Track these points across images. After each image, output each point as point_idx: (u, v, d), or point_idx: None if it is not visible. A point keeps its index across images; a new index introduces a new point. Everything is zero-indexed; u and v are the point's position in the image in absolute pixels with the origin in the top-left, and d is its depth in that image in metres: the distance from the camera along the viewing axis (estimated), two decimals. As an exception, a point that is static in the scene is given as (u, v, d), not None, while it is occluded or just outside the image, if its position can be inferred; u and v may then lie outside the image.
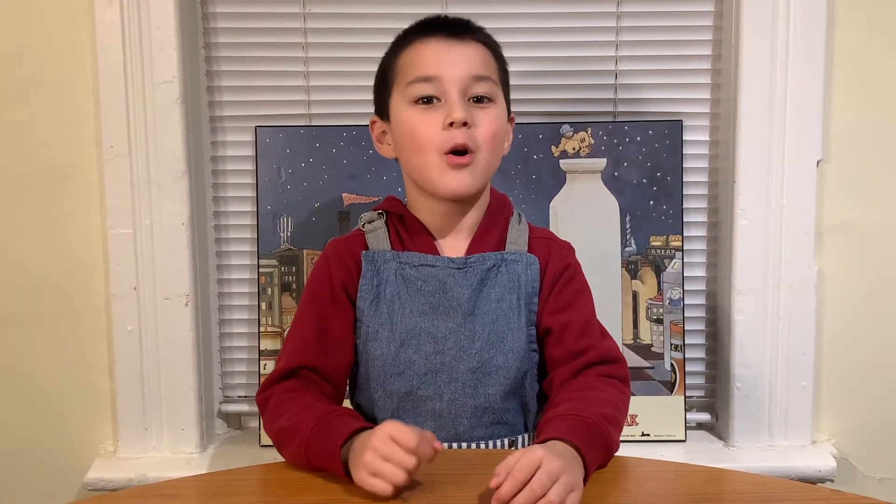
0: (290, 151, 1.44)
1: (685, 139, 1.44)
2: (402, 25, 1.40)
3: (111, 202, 1.38)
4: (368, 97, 1.42)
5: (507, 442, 1.02)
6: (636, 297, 1.45)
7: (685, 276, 1.45)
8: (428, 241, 1.05)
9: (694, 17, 1.45)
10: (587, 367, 0.99)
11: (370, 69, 1.43)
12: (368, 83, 1.42)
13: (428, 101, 1.00)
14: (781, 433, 1.42)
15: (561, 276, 1.05)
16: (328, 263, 1.05)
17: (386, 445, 0.82)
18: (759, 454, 1.41)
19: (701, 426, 1.51)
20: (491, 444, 1.01)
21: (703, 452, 1.42)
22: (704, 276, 1.50)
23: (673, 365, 1.44)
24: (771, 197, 1.39)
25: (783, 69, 1.37)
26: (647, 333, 1.45)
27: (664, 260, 1.44)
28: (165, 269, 1.39)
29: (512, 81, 1.10)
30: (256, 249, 1.45)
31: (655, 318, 1.45)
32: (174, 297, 1.39)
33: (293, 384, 1.00)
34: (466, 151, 0.99)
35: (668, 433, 1.44)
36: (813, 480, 1.38)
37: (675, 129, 1.44)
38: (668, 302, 1.44)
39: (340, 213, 1.44)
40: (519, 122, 1.19)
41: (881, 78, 1.40)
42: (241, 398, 1.52)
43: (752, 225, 1.39)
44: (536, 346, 1.04)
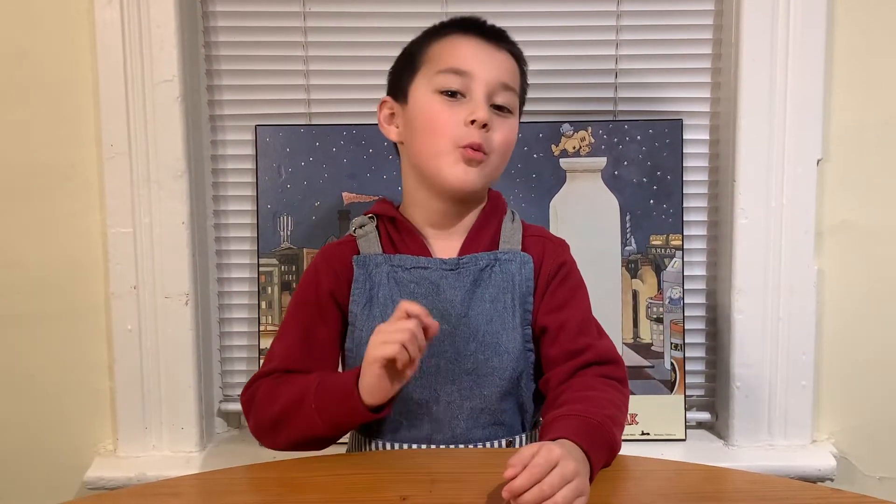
0: (290, 150, 1.44)
1: (685, 138, 1.44)
2: (401, 24, 1.41)
3: (111, 201, 1.38)
4: (368, 96, 1.44)
5: (504, 442, 1.02)
6: (636, 296, 1.45)
7: (685, 275, 1.45)
8: (420, 242, 1.05)
9: (694, 16, 1.45)
10: (585, 366, 0.99)
11: (370, 68, 1.44)
12: (368, 82, 1.44)
13: (452, 94, 1.00)
14: (781, 432, 1.42)
15: (556, 274, 1.04)
16: (316, 271, 1.06)
17: (390, 322, 0.89)
18: (759, 453, 1.41)
19: (701, 425, 1.51)
20: (489, 444, 1.01)
21: (703, 451, 1.42)
22: (704, 275, 1.50)
23: (673, 364, 1.44)
24: (771, 196, 1.39)
25: (783, 68, 1.37)
26: (647, 332, 1.45)
27: (664, 259, 1.44)
28: (165, 268, 1.39)
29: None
30: (256, 248, 1.45)
31: (655, 317, 1.45)
32: (174, 296, 1.39)
33: (279, 376, 1.00)
34: (481, 150, 1.00)
35: (668, 432, 1.44)
36: (813, 479, 1.38)
37: (675, 128, 1.44)
38: (668, 301, 1.44)
39: (340, 211, 1.44)
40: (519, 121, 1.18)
41: (881, 77, 1.40)
42: (240, 397, 1.52)
43: (752, 224, 1.39)
44: (532, 345, 1.03)
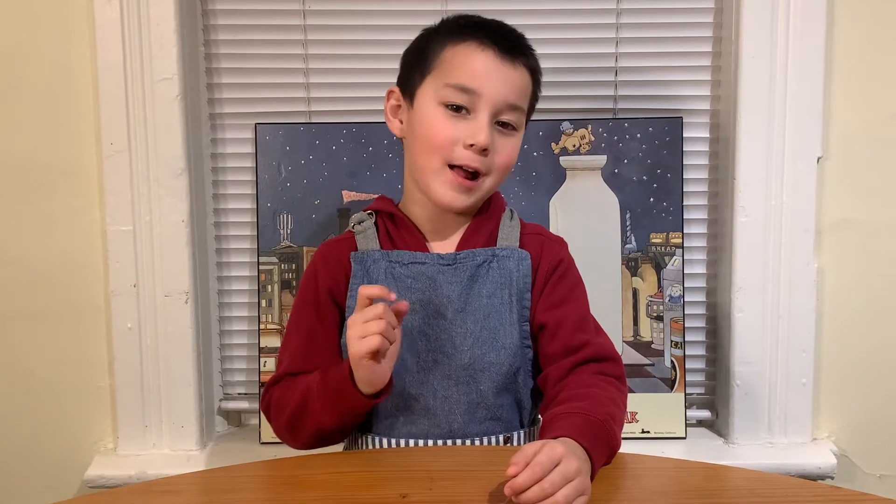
0: (289, 148, 1.44)
1: (685, 136, 1.44)
2: (401, 22, 1.41)
3: (111, 199, 1.38)
4: (369, 94, 1.44)
5: (502, 438, 1.02)
6: (636, 294, 1.45)
7: (685, 273, 1.45)
8: (418, 238, 1.05)
9: (694, 13, 1.45)
10: (583, 363, 0.99)
11: (370, 66, 1.44)
12: (368, 80, 1.44)
13: (457, 109, 1.00)
14: (781, 430, 1.42)
15: (554, 271, 1.05)
16: (315, 270, 1.07)
17: (359, 314, 0.90)
18: (758, 451, 1.42)
19: (701, 423, 1.51)
20: (486, 440, 1.01)
21: (703, 449, 1.43)
22: (704, 273, 1.50)
23: (673, 362, 1.44)
24: (771, 194, 1.39)
25: (783, 66, 1.37)
26: (647, 330, 1.45)
27: (664, 257, 1.44)
28: (165, 266, 1.39)
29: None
30: (256, 246, 1.45)
31: (655, 315, 1.45)
32: (174, 294, 1.39)
33: (288, 380, 1.03)
34: (477, 175, 1.00)
35: (668, 430, 1.44)
36: (813, 477, 1.38)
37: (675, 125, 1.43)
38: (668, 299, 1.44)
39: (340, 210, 1.44)
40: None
41: (882, 75, 1.40)
42: (240, 395, 1.52)
43: (752, 222, 1.39)
44: (530, 342, 1.04)
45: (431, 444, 1.00)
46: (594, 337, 1.02)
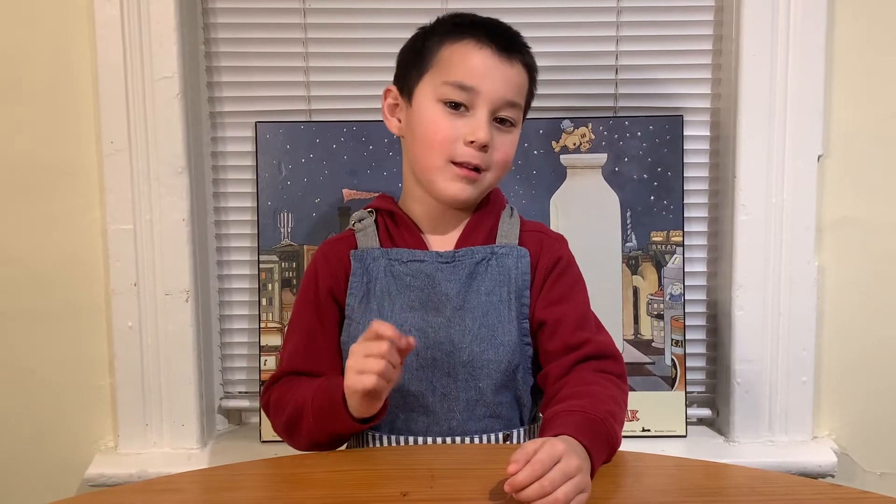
0: (290, 147, 1.44)
1: (686, 134, 1.44)
2: (401, 21, 1.41)
3: (111, 198, 1.38)
4: (369, 93, 1.44)
5: (501, 436, 1.02)
6: (637, 292, 1.45)
7: (686, 271, 1.45)
8: (417, 236, 1.06)
9: (694, 11, 1.45)
10: (583, 360, 0.99)
11: (370, 64, 1.44)
12: (369, 78, 1.44)
13: (455, 106, 1.00)
14: (782, 428, 1.42)
15: (553, 268, 1.05)
16: (315, 269, 1.07)
17: (362, 345, 0.89)
18: (759, 449, 1.42)
19: (701, 421, 1.51)
20: (485, 437, 1.01)
21: (703, 448, 1.43)
22: (705, 271, 1.50)
23: (673, 360, 1.44)
24: (771, 192, 1.39)
25: (784, 64, 1.37)
26: (647, 329, 1.45)
27: (665, 255, 1.44)
28: (166, 264, 1.39)
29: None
30: (257, 245, 1.45)
31: (656, 313, 1.45)
32: (174, 292, 1.39)
33: (287, 380, 1.03)
34: (478, 170, 1.01)
35: (668, 428, 1.44)
36: (813, 475, 1.38)
37: (675, 124, 1.43)
38: (668, 297, 1.44)
39: (341, 208, 1.44)
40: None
41: (882, 73, 1.40)
42: (241, 394, 1.52)
43: (752, 220, 1.39)
44: (530, 339, 1.04)
45: (431, 441, 1.01)
46: (595, 334, 1.02)
